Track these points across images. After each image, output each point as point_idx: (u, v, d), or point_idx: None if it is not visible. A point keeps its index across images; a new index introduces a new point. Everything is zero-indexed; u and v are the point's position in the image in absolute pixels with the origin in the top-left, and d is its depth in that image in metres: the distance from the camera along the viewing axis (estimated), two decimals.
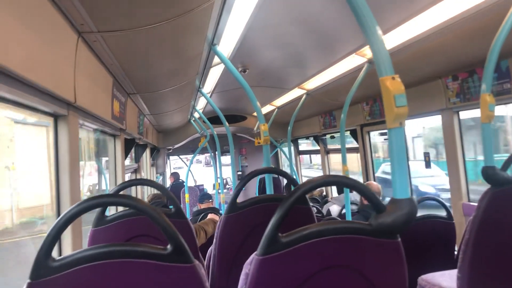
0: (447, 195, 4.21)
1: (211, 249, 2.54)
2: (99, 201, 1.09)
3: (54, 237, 1.00)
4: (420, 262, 2.73)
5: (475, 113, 3.68)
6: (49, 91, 1.68)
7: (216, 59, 3.56)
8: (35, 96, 1.63)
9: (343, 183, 1.23)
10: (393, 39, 3.01)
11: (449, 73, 3.65)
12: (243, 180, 1.96)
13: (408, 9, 2.56)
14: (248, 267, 1.15)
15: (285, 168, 10.89)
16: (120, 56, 2.47)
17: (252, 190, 9.92)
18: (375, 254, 1.17)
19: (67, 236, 2.04)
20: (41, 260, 0.97)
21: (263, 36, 3.37)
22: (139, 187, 5.54)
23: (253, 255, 1.15)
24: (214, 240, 2.01)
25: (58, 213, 2.07)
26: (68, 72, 1.90)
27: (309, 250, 1.14)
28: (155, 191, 5.44)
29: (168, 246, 1.06)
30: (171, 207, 2.37)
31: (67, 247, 2.04)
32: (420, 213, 1.47)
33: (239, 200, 2.00)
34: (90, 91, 2.32)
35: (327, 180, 1.22)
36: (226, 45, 3.26)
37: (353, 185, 1.21)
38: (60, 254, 2.02)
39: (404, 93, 1.18)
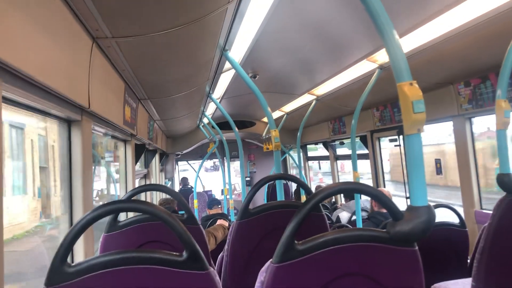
0: None
1: (222, 255, 2.53)
2: (116, 207, 1.09)
3: (70, 243, 1.00)
4: (433, 270, 2.70)
5: None
6: (64, 96, 1.69)
7: (226, 65, 3.56)
8: (50, 101, 1.64)
9: (359, 190, 1.22)
10: (405, 44, 3.00)
11: (461, 79, 3.62)
12: (256, 185, 1.95)
13: (421, 15, 2.55)
14: (264, 274, 1.14)
15: (293, 173, 10.86)
16: (132, 61, 2.48)
17: (260, 195, 9.90)
18: (392, 262, 1.16)
19: (79, 241, 2.04)
20: (56, 266, 0.97)
21: (274, 42, 3.38)
22: (147, 192, 5.55)
23: (268, 263, 1.14)
24: (226, 246, 2.00)
25: (71, 218, 2.07)
26: (82, 78, 1.92)
27: (325, 258, 1.12)
28: (163, 196, 5.46)
29: (184, 253, 1.05)
30: (181, 212, 2.36)
31: (79, 253, 2.05)
32: None
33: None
34: (103, 96, 2.34)
35: (344, 187, 1.21)
36: (237, 51, 3.27)
37: (368, 192, 1.19)
38: (72, 260, 2.02)
39: (422, 98, 1.17)
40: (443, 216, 2.97)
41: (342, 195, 6.66)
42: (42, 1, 1.38)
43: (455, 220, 2.80)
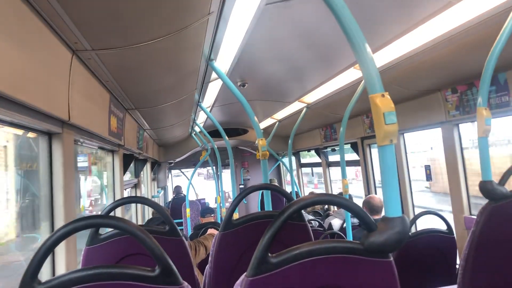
0: None
1: (208, 266, 2.51)
2: (87, 223, 1.08)
3: (40, 260, 0.98)
4: (421, 278, 2.69)
5: None
6: (42, 110, 1.68)
7: (214, 74, 3.56)
8: (27, 116, 1.62)
9: (333, 201, 1.21)
10: (392, 52, 3.01)
11: (448, 85, 3.64)
12: (238, 196, 1.94)
13: (406, 23, 2.56)
14: None
15: (287, 179, 10.85)
16: (116, 72, 2.47)
17: (254, 204, 9.88)
18: (367, 273, 1.15)
19: (60, 254, 2.02)
20: (26, 283, 0.96)
21: (261, 51, 3.38)
22: (138, 204, 5.52)
23: (243, 276, 1.13)
24: (210, 258, 1.99)
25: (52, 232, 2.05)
26: (62, 90, 1.90)
27: (300, 271, 1.11)
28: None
29: (156, 268, 1.04)
30: (177, 220, 2.34)
31: (61, 266, 2.02)
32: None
33: (241, 214, 1.98)
34: (85, 108, 2.32)
35: (317, 199, 1.20)
36: (224, 60, 3.27)
37: (342, 203, 1.19)
38: (53, 274, 2.00)
39: (394, 110, 1.17)
40: (433, 222, 2.97)
41: None
42: (15, 16, 1.37)
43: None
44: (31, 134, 2.00)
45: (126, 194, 4.31)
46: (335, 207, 6.68)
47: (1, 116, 1.49)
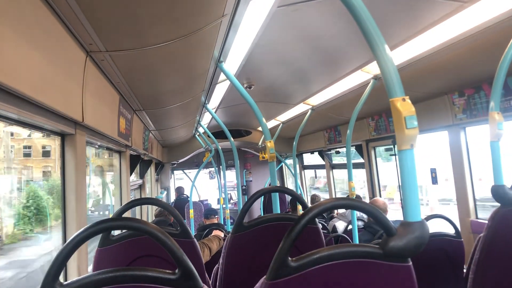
0: None
1: (217, 268, 2.51)
2: (107, 225, 1.08)
3: (62, 262, 0.98)
4: (428, 281, 2.69)
5: None
6: (58, 111, 1.69)
7: (222, 76, 3.57)
8: (43, 117, 1.63)
9: (352, 206, 1.21)
10: (399, 55, 3.02)
11: (455, 89, 3.64)
12: (250, 199, 1.93)
13: (415, 26, 2.57)
14: None
15: (289, 182, 10.85)
16: (127, 74, 2.48)
17: (256, 206, 9.87)
18: (386, 278, 1.15)
19: (72, 256, 2.02)
20: (48, 285, 0.96)
21: (269, 53, 3.39)
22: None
23: (262, 279, 1.13)
24: (221, 260, 1.99)
25: (64, 232, 2.05)
26: (76, 92, 1.91)
27: (320, 275, 1.12)
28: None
29: (177, 271, 1.04)
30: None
31: (73, 268, 2.02)
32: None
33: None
34: (97, 109, 2.33)
35: (337, 204, 1.20)
36: (232, 62, 3.28)
37: (362, 208, 1.19)
38: (65, 277, 2.00)
39: (414, 114, 1.17)
40: (439, 226, 2.96)
41: None
42: (35, 18, 1.38)
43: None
44: None
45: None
46: (340, 210, 6.67)
47: (22, 118, 1.50)
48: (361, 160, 5.96)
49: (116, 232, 2.00)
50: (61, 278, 1.00)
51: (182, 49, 2.24)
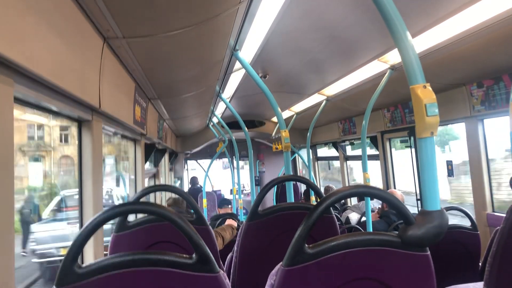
0: None
1: (231, 256, 2.52)
2: (126, 208, 1.09)
3: (81, 244, 1.00)
4: (443, 273, 2.67)
5: None
6: (76, 97, 1.70)
7: (237, 65, 3.56)
8: (61, 102, 1.64)
9: (372, 193, 1.20)
10: (418, 45, 2.97)
11: (473, 80, 3.57)
12: (266, 187, 1.94)
13: (433, 15, 2.52)
14: (274, 277, 1.13)
15: (302, 174, 10.83)
16: (143, 61, 2.48)
17: (269, 196, 9.89)
18: (403, 267, 1.14)
19: (89, 241, 2.05)
20: (67, 266, 0.97)
21: (284, 42, 3.37)
22: (156, 192, 5.57)
23: (278, 266, 1.13)
24: (235, 247, 2.00)
25: (81, 218, 2.08)
26: (93, 78, 1.92)
27: (336, 262, 1.11)
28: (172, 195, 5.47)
29: (194, 255, 1.05)
30: (192, 211, 2.36)
31: (89, 253, 2.05)
32: None
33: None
34: (113, 96, 2.34)
35: (355, 191, 1.19)
36: (248, 51, 3.27)
37: (381, 196, 1.18)
38: (82, 260, 2.03)
39: (435, 102, 1.15)
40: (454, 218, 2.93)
41: None
42: (54, 3, 1.38)
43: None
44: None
45: (146, 184, 4.36)
46: (354, 201, 6.65)
47: (40, 102, 1.51)
48: (375, 152, 5.92)
49: (131, 219, 2.02)
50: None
51: (198, 37, 2.24)
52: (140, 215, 2.12)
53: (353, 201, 6.66)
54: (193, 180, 10.13)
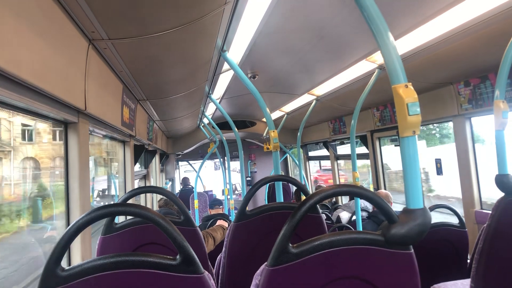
0: None
1: (220, 256, 2.52)
2: (109, 211, 1.09)
3: (64, 246, 0.99)
4: (431, 271, 2.69)
5: None
6: (60, 99, 1.69)
7: (226, 66, 3.56)
8: (46, 104, 1.63)
9: (355, 192, 1.21)
10: (404, 44, 2.99)
11: (460, 78, 3.60)
12: (253, 188, 1.94)
13: (420, 15, 2.53)
14: (259, 277, 1.13)
15: (295, 173, 10.85)
16: (130, 63, 2.47)
17: (261, 196, 9.89)
18: (388, 265, 1.15)
19: (76, 244, 2.04)
20: (50, 269, 0.97)
21: (273, 43, 3.37)
22: (147, 194, 5.55)
23: (263, 266, 1.13)
24: (224, 248, 2.00)
25: (68, 221, 2.07)
26: (78, 80, 1.91)
27: (321, 261, 1.12)
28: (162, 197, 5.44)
29: (178, 256, 1.05)
30: None
31: (77, 255, 2.04)
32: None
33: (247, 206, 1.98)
34: (100, 98, 2.33)
35: (338, 190, 1.20)
36: (236, 51, 3.26)
37: (364, 195, 1.18)
38: (69, 262, 2.02)
39: (417, 101, 1.16)
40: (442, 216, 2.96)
41: None
42: (37, 5, 1.37)
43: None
44: None
45: (136, 185, 4.33)
46: (345, 200, 6.67)
47: (23, 105, 1.50)
48: (366, 151, 5.95)
49: (120, 221, 2.01)
50: (65, 265, 1.00)
51: (184, 37, 2.23)
52: (129, 217, 2.12)
53: (344, 200, 6.69)
54: (185, 181, 10.10)
